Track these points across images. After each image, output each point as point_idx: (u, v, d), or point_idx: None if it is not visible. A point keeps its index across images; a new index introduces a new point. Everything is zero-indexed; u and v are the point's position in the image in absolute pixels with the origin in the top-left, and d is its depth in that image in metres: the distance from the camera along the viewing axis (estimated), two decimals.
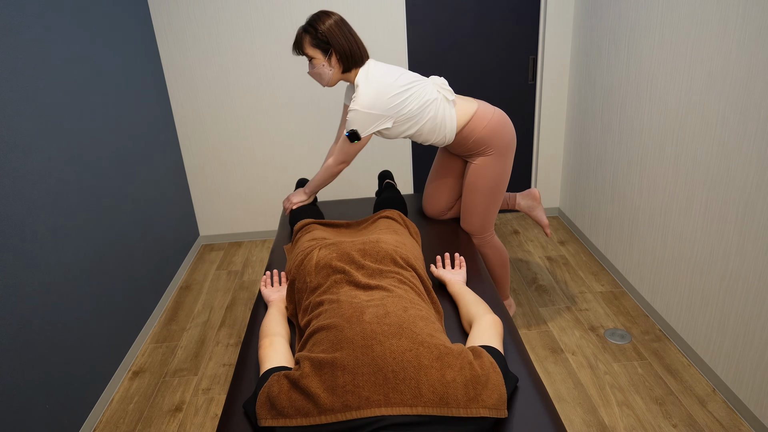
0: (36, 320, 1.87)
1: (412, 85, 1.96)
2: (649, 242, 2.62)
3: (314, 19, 1.91)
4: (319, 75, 1.99)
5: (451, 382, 1.07)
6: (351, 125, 1.95)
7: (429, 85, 2.02)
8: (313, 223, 2.03)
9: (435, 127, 2.03)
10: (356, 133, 1.96)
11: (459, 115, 2.05)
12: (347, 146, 2.02)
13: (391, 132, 2.02)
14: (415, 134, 2.06)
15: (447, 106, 2.03)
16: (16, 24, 1.92)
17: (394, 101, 1.92)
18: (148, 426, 2.16)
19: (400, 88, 1.93)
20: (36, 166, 1.95)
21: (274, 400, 1.11)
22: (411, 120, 1.99)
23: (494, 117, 2.08)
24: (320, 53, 1.93)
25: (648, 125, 2.54)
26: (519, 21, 3.45)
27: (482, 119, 2.06)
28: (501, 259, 2.39)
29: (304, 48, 1.94)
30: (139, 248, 2.78)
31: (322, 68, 1.96)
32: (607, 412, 2.06)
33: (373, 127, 1.95)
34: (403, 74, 1.98)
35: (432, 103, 2.00)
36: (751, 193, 1.87)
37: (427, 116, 2.00)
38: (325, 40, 1.90)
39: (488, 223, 2.27)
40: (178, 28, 3.27)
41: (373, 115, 1.92)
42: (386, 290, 1.37)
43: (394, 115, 1.95)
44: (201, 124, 3.53)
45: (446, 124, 2.04)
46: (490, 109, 2.09)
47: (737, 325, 2.00)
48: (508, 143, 2.12)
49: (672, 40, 2.29)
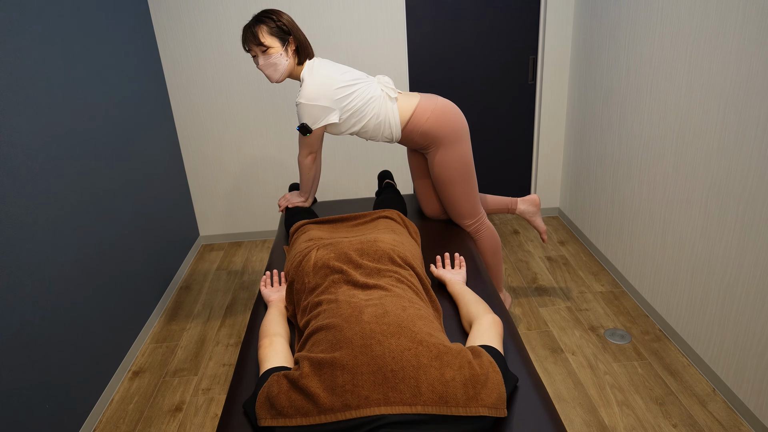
0: (36, 320, 1.87)
1: (356, 81, 2.01)
2: (649, 242, 2.62)
3: (270, 11, 1.95)
4: (274, 66, 1.99)
5: (450, 381, 1.07)
6: (300, 118, 2.00)
7: (373, 83, 2.07)
8: (308, 223, 2.03)
9: (379, 124, 2.07)
10: (306, 126, 2.01)
11: (401, 110, 2.08)
12: (304, 139, 2.08)
13: (338, 128, 2.07)
14: (361, 131, 2.10)
15: (389, 103, 2.07)
16: (16, 24, 1.92)
17: (339, 94, 1.97)
18: (148, 426, 2.16)
19: (345, 83, 1.98)
20: (36, 166, 1.95)
21: (274, 400, 1.11)
22: (355, 116, 2.03)
23: (437, 107, 2.09)
24: (278, 42, 1.95)
25: (648, 125, 2.54)
26: (519, 21, 3.45)
27: (425, 112, 2.08)
28: (494, 244, 2.38)
29: (261, 37, 1.94)
30: (139, 248, 2.78)
31: (278, 57, 1.97)
32: (607, 412, 2.06)
33: (322, 120, 1.99)
34: (349, 71, 2.02)
35: (375, 100, 2.04)
36: (751, 193, 1.87)
37: (370, 113, 2.04)
38: (286, 29, 1.94)
39: (474, 205, 2.26)
40: (178, 28, 3.27)
41: (318, 106, 1.96)
42: (385, 289, 1.37)
43: (338, 108, 1.99)
44: (201, 124, 3.53)
45: (389, 120, 2.08)
46: (431, 101, 2.10)
47: (737, 325, 2.00)
48: (456, 130, 2.11)
49: (672, 40, 2.29)
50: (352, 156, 3.68)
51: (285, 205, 2.31)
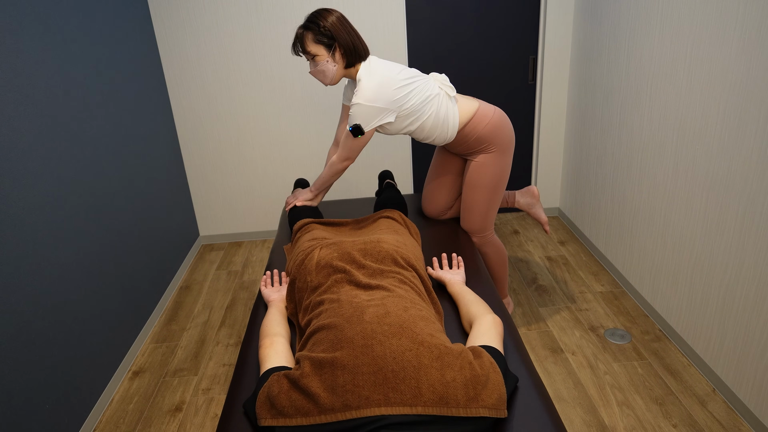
0: (36, 320, 1.86)
1: (414, 79, 1.96)
2: (649, 242, 2.62)
3: (315, 16, 1.90)
4: (323, 72, 1.96)
5: (450, 381, 1.07)
6: (354, 119, 1.94)
7: (431, 80, 2.02)
8: (313, 222, 2.03)
9: (437, 123, 2.03)
10: (359, 127, 1.94)
11: (461, 112, 2.06)
12: (351, 141, 2.01)
13: (393, 127, 2.01)
14: (417, 130, 2.05)
15: (449, 102, 2.03)
16: (17, 24, 1.92)
17: (397, 94, 1.92)
18: (148, 426, 2.16)
19: (403, 82, 1.92)
20: (36, 166, 1.95)
21: (274, 400, 1.11)
22: (413, 115, 1.98)
23: (495, 115, 2.09)
24: (324, 49, 1.91)
25: (648, 125, 2.54)
26: (519, 21, 3.45)
27: (484, 117, 2.07)
28: (500, 257, 2.39)
29: (307, 46, 1.92)
30: (139, 248, 2.78)
31: (326, 65, 1.94)
32: (607, 412, 2.06)
33: (377, 121, 1.94)
34: (405, 69, 1.97)
35: (434, 98, 1.99)
36: (751, 192, 1.87)
37: (429, 111, 2.00)
38: (330, 35, 1.88)
39: (489, 221, 2.27)
40: (178, 28, 3.27)
41: (376, 108, 1.91)
42: (387, 290, 1.37)
43: (396, 109, 1.94)
44: (201, 124, 3.53)
45: (449, 120, 2.04)
46: (490, 108, 2.10)
47: (737, 325, 2.00)
48: (508, 141, 2.13)
49: (672, 40, 2.29)
50: None
51: (293, 203, 2.30)
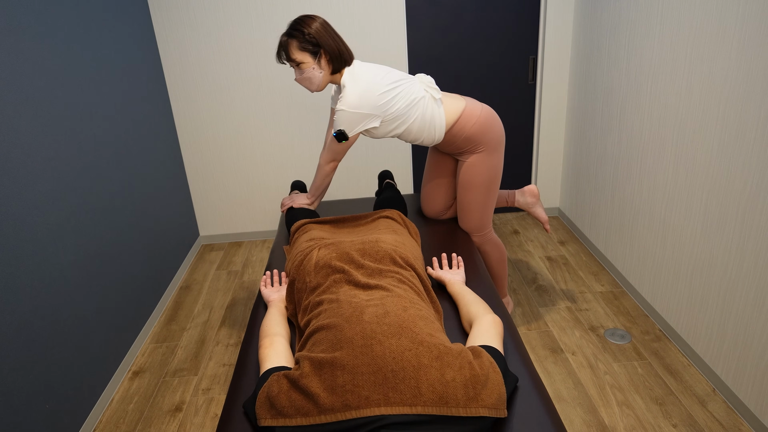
0: (36, 320, 1.87)
1: (398, 83, 1.95)
2: (649, 242, 2.62)
3: (298, 23, 1.88)
4: (309, 80, 1.95)
5: (450, 381, 1.07)
6: (338, 125, 1.94)
7: (416, 83, 2.01)
8: (310, 222, 2.03)
9: (423, 126, 2.03)
10: (343, 132, 1.95)
11: (447, 113, 2.05)
12: (335, 146, 2.03)
13: (378, 131, 2.01)
14: (404, 133, 2.05)
15: (434, 104, 2.02)
16: (16, 24, 1.92)
17: (381, 99, 1.91)
18: (148, 426, 2.16)
19: (387, 87, 1.92)
20: (36, 166, 1.95)
21: (274, 400, 1.11)
22: (399, 119, 1.98)
23: (482, 114, 2.07)
24: (309, 56, 1.90)
25: (648, 125, 2.54)
26: (519, 21, 3.45)
27: (471, 117, 2.06)
28: (500, 256, 2.39)
29: (291, 53, 1.90)
30: (139, 248, 2.78)
31: (312, 72, 1.93)
32: (607, 412, 2.06)
33: (360, 126, 1.94)
34: (390, 72, 1.97)
35: (419, 101, 1.99)
36: (751, 193, 1.87)
37: (414, 115, 1.99)
38: (315, 42, 1.88)
39: (486, 219, 2.27)
40: (178, 28, 3.27)
41: (360, 114, 1.91)
42: (386, 290, 1.37)
43: (381, 114, 1.94)
44: (201, 124, 3.53)
45: (435, 122, 2.03)
46: (477, 106, 2.08)
47: (737, 325, 2.00)
48: (498, 139, 2.12)
49: (672, 40, 2.29)
50: (352, 156, 3.68)
51: (289, 205, 2.30)
